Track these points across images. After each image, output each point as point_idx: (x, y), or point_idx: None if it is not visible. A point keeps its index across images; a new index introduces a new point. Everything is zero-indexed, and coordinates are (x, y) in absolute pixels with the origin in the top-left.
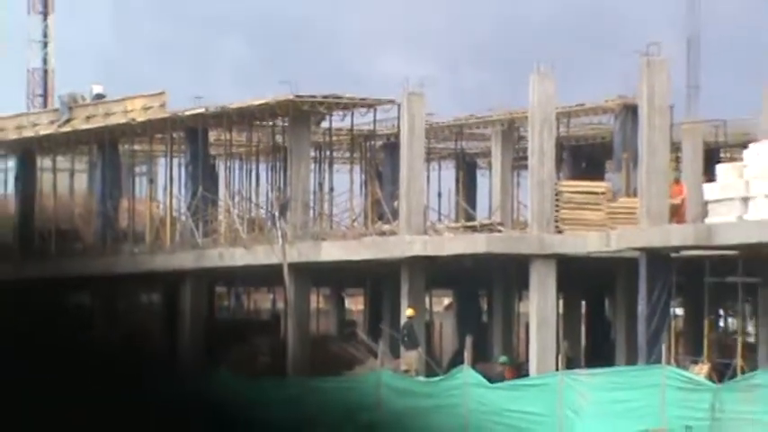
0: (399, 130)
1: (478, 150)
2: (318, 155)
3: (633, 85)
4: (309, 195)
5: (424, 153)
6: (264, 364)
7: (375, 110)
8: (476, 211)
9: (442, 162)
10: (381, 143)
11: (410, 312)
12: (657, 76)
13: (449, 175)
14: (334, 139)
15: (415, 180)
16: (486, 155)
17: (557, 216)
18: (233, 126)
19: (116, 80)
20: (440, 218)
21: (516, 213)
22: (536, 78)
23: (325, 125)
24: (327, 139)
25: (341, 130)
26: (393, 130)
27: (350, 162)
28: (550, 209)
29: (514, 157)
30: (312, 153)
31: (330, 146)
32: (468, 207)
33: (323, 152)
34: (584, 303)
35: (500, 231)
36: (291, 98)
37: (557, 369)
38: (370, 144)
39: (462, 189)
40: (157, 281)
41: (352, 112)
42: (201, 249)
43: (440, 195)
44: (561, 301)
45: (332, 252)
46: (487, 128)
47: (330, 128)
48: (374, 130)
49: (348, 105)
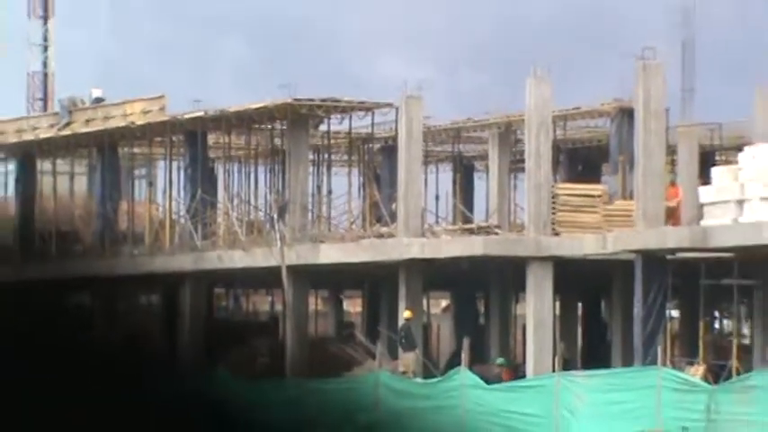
0: (397, 133)
1: (476, 153)
2: (317, 158)
3: (629, 88)
4: (308, 198)
5: (422, 156)
6: (263, 365)
7: (373, 113)
8: (473, 214)
9: (439, 165)
10: (379, 146)
11: (408, 314)
12: (653, 79)
13: (446, 177)
14: (332, 142)
15: (412, 183)
16: (484, 158)
17: (553, 218)
18: (232, 129)
19: (116, 84)
20: (437, 220)
21: (513, 216)
22: (533, 82)
23: (323, 128)
24: (326, 142)
25: (339, 133)
26: (391, 133)
27: (348, 165)
28: (547, 211)
29: (511, 159)
30: (310, 156)
31: (328, 149)
32: (466, 210)
33: (321, 155)
34: (580, 305)
35: (497, 234)
36: (290, 102)
37: (553, 370)
38: (368, 147)
39: (460, 192)
40: (157, 282)
41: (351, 116)
42: (200, 251)
43: (437, 198)
44: (558, 303)
45: (330, 254)
46: (485, 131)
47: (328, 131)
48: (372, 133)
49: (346, 109)
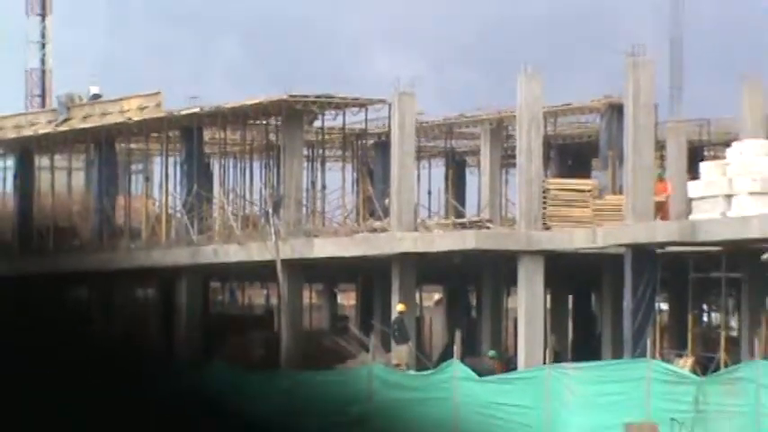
0: (390, 129)
1: (468, 149)
2: (311, 153)
3: (619, 85)
4: (302, 193)
5: (415, 151)
6: (259, 357)
7: (366, 109)
8: (465, 209)
9: (431, 160)
10: (373, 142)
11: (401, 307)
12: (642, 75)
13: (439, 173)
14: (326, 137)
15: (405, 178)
16: (475, 153)
17: (544, 213)
18: (227, 125)
19: (113, 80)
20: (430, 215)
21: (505, 210)
22: (523, 79)
23: (317, 124)
24: (320, 137)
25: (333, 129)
26: (384, 129)
27: (342, 160)
28: (538, 206)
29: (503, 155)
30: (305, 151)
31: (322, 144)
32: (458, 204)
33: (315, 151)
34: (571, 298)
35: (489, 228)
36: (285, 98)
37: (544, 363)
38: (361, 143)
39: (452, 187)
40: (153, 276)
41: (344, 112)
42: (196, 246)
43: (430, 193)
44: (549, 297)
45: (324, 248)
46: (476, 127)
47: (323, 127)
48: (366, 128)
49: (340, 105)
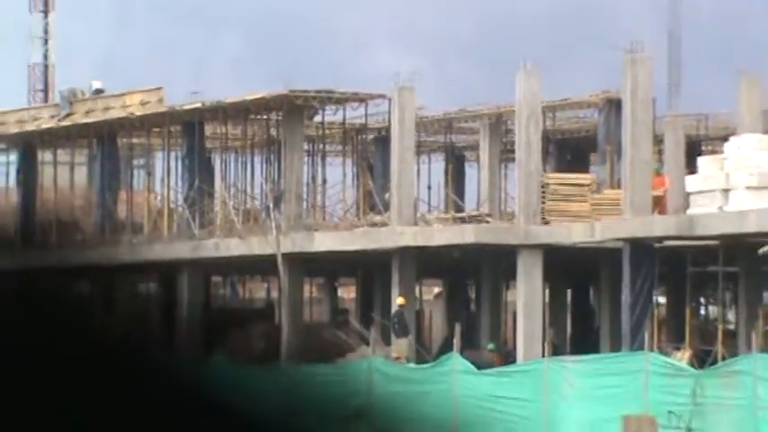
0: (390, 123)
1: (467, 144)
2: (311, 148)
3: (617, 81)
4: (303, 187)
5: (415, 146)
6: (259, 350)
7: (366, 104)
8: (464, 203)
9: (431, 155)
10: (373, 136)
11: (401, 301)
12: (641, 70)
13: (438, 167)
14: (326, 132)
15: (405, 172)
16: (475, 148)
17: (543, 207)
18: (228, 120)
19: (115, 75)
20: (429, 209)
21: (504, 205)
22: (522, 75)
23: (318, 119)
24: (320, 132)
25: (333, 123)
26: (384, 123)
27: (342, 155)
28: (537, 200)
29: (502, 150)
30: (305, 146)
31: (323, 139)
32: (457, 199)
33: (316, 145)
34: (569, 292)
35: (488, 222)
36: (285, 93)
37: (543, 356)
38: (361, 137)
39: (451, 181)
40: (155, 270)
41: (345, 107)
42: (198, 240)
43: (429, 187)
44: (547, 290)
45: (325, 242)
46: (476, 122)
47: (323, 122)
48: (366, 123)
49: (340, 100)
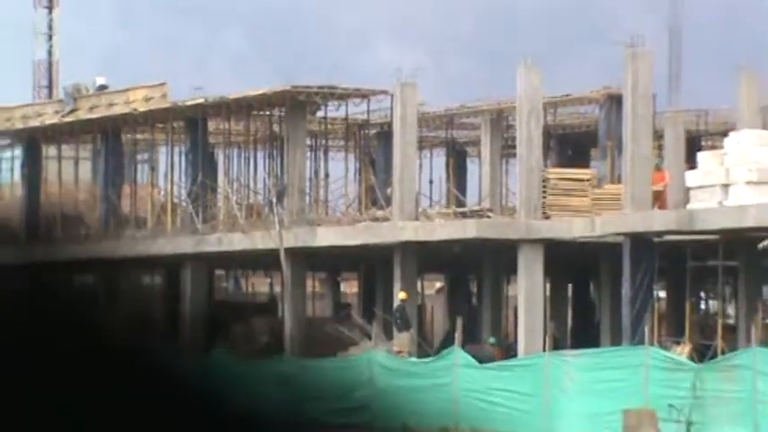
0: (392, 119)
1: (468, 139)
2: (314, 143)
3: (618, 76)
4: (305, 182)
5: (416, 141)
6: (262, 344)
7: (369, 100)
8: (466, 198)
9: (433, 150)
10: (375, 132)
11: (403, 295)
12: (641, 66)
13: (440, 162)
14: (329, 127)
15: (407, 167)
16: (476, 143)
17: (544, 202)
18: (231, 116)
19: (119, 71)
20: (431, 204)
21: (505, 200)
22: (523, 70)
23: (320, 114)
24: (323, 128)
25: (336, 119)
26: (386, 119)
27: (345, 150)
28: (538, 195)
29: (503, 145)
30: (308, 141)
31: (325, 134)
32: (459, 194)
33: (318, 141)
34: (570, 286)
35: (489, 217)
36: (288, 89)
37: (544, 350)
38: (364, 133)
39: (453, 176)
40: (159, 264)
41: (347, 102)
42: (201, 234)
43: (431, 182)
44: (548, 285)
45: (327, 237)
46: (477, 117)
47: (326, 117)
48: (368, 119)
49: (343, 95)
